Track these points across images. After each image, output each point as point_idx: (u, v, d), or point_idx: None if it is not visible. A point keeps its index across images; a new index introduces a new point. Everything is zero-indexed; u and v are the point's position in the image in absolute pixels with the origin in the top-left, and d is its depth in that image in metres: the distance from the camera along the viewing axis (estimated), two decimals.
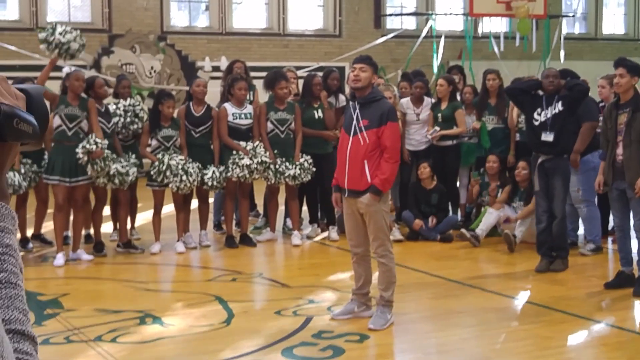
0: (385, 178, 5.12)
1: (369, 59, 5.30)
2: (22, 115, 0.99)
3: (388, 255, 5.24)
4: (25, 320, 0.97)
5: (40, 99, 1.07)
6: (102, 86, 7.46)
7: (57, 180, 6.95)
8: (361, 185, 5.16)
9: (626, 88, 6.02)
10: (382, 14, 15.55)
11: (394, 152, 5.19)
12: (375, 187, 5.11)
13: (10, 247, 0.98)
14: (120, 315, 5.48)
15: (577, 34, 17.89)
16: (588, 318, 5.50)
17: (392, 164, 5.16)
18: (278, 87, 7.84)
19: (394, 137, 5.19)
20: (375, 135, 5.12)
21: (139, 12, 13.54)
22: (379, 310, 5.23)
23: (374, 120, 5.12)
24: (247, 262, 7.44)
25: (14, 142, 1.00)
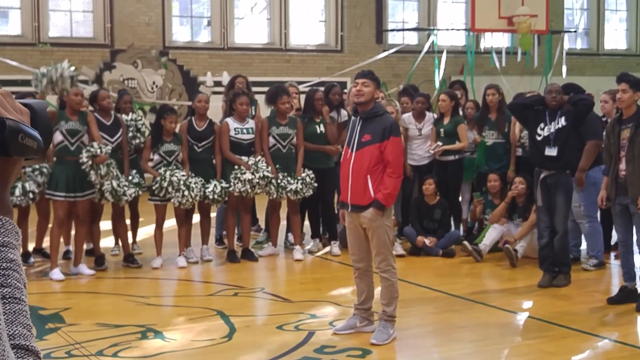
0: (388, 193, 5.12)
1: (372, 74, 5.32)
2: (27, 130, 0.99)
3: (391, 270, 5.23)
4: (29, 336, 0.97)
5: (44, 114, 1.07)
6: (106, 98, 7.48)
7: (63, 197, 6.96)
8: (364, 200, 5.15)
9: (629, 103, 6.02)
10: (384, 29, 15.61)
11: (397, 167, 5.19)
12: (379, 201, 5.11)
13: (14, 262, 0.98)
14: (122, 329, 5.46)
15: (579, 49, 17.94)
16: (591, 333, 5.48)
17: (395, 179, 5.16)
18: (280, 102, 7.86)
19: (397, 152, 5.19)
20: (378, 150, 5.12)
21: (140, 27, 13.59)
22: (381, 325, 5.22)
23: (377, 135, 5.13)
24: (249, 276, 7.43)
25: (19, 157, 1.01)
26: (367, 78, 5.21)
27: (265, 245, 8.34)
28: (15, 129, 0.98)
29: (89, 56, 13.32)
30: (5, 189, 1.01)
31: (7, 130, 0.97)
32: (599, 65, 17.01)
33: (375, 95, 5.28)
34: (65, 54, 13.13)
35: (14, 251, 0.99)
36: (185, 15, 14.58)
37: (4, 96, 1.00)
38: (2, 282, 0.96)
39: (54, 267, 7.05)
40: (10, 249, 0.98)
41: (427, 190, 8.32)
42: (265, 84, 12.35)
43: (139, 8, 13.54)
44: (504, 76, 13.78)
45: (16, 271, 0.98)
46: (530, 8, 13.50)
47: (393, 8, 16.09)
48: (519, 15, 13.45)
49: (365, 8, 15.31)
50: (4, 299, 0.95)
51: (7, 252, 0.98)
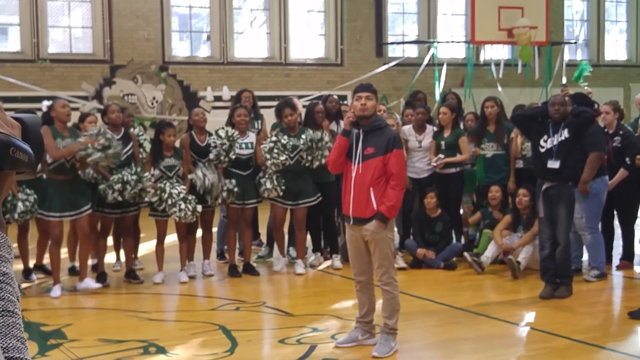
0: (391, 205, 5.11)
1: (372, 86, 5.35)
2: (18, 144, 0.99)
3: (392, 283, 5.22)
4: (23, 349, 0.96)
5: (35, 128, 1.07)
6: (115, 112, 7.50)
7: (58, 217, 6.90)
8: (367, 213, 5.14)
9: None
10: (384, 42, 15.66)
11: (400, 179, 5.19)
12: (382, 214, 5.10)
13: (7, 275, 0.98)
14: (124, 345, 5.45)
15: (580, 60, 17.95)
16: (593, 344, 5.46)
17: (399, 191, 5.16)
18: (284, 114, 7.89)
19: (400, 165, 5.20)
20: (382, 162, 5.12)
21: (140, 42, 13.64)
22: (382, 338, 5.22)
23: (380, 148, 5.13)
24: (251, 291, 7.41)
25: (10, 171, 1.00)
26: (370, 91, 5.23)
27: (274, 260, 8.18)
28: (6, 143, 0.98)
29: (88, 72, 13.36)
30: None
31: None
32: (599, 77, 17.02)
33: (378, 109, 5.29)
34: (65, 70, 13.19)
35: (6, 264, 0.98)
36: (184, 30, 14.64)
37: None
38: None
39: (55, 284, 7.01)
40: (3, 262, 0.98)
41: (428, 203, 8.31)
42: (266, 98, 12.41)
43: (138, 23, 13.60)
44: (505, 88, 13.80)
45: (9, 284, 0.97)
46: (530, 20, 13.52)
47: (393, 21, 16.15)
48: (518, 27, 13.47)
49: (365, 21, 15.36)
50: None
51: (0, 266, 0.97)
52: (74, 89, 13.03)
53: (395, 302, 5.24)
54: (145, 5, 13.58)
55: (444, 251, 8.14)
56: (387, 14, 15.79)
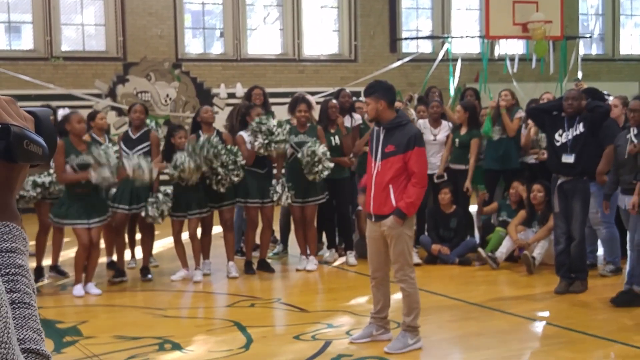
0: (410, 202, 5.06)
1: (371, 88, 5.22)
2: (32, 136, 1.00)
3: (408, 280, 5.17)
4: (40, 340, 0.96)
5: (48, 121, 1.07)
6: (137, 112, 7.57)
7: (72, 224, 6.89)
8: (386, 210, 5.12)
9: None
10: (398, 37, 15.61)
11: (422, 177, 5.12)
12: (400, 210, 5.06)
13: (23, 267, 0.98)
14: (140, 341, 5.47)
15: (595, 55, 17.85)
16: (608, 339, 5.43)
17: (419, 189, 5.10)
18: (297, 110, 7.87)
19: (421, 162, 5.12)
20: (402, 160, 5.06)
21: (153, 39, 13.67)
22: (400, 334, 5.21)
23: (401, 146, 5.07)
24: (266, 287, 7.41)
25: (24, 164, 1.00)
26: (367, 96, 5.21)
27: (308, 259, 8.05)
28: (20, 135, 0.98)
29: (101, 70, 13.41)
30: (11, 196, 1.01)
31: (12, 136, 0.97)
32: (614, 71, 16.91)
33: (380, 107, 5.13)
34: (78, 67, 13.24)
35: (22, 257, 0.98)
36: (197, 27, 14.66)
37: (8, 103, 1.01)
38: (11, 287, 0.96)
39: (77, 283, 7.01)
40: (18, 254, 0.98)
41: (442, 199, 8.29)
42: (279, 95, 12.41)
43: (151, 21, 13.63)
44: (519, 83, 13.72)
45: (25, 277, 0.98)
46: (544, 14, 13.43)
47: (407, 16, 16.10)
48: (533, 21, 13.39)
49: (378, 17, 15.32)
50: (14, 304, 0.95)
51: (15, 258, 0.97)
52: (87, 86, 13.08)
53: (412, 300, 5.19)
54: (158, 2, 13.61)
55: (458, 247, 8.12)
56: (401, 9, 15.74)
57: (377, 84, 5.27)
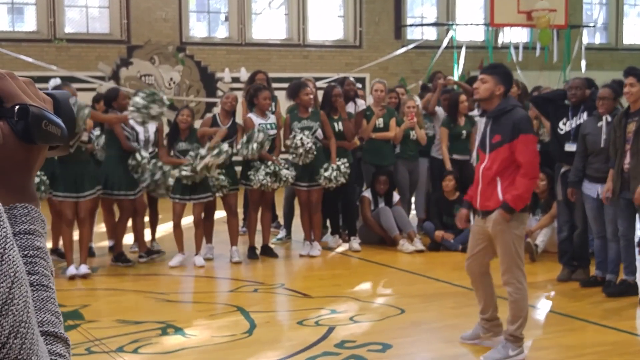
0: (518, 194, 4.59)
1: (493, 67, 4.81)
2: (51, 117, 0.99)
3: (515, 284, 4.71)
4: (58, 323, 0.96)
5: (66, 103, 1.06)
6: (125, 98, 7.51)
7: (63, 197, 6.91)
8: (491, 205, 4.69)
9: (637, 97, 5.99)
10: (403, 24, 15.55)
11: (530, 167, 4.64)
12: (507, 203, 4.59)
13: (41, 249, 0.97)
14: (142, 326, 5.47)
15: (598, 44, 17.79)
16: (610, 327, 5.44)
17: (528, 181, 4.64)
18: (303, 93, 7.83)
19: (528, 151, 4.64)
20: (509, 150, 4.62)
21: (157, 23, 13.62)
22: (501, 344, 4.76)
23: (506, 135, 4.63)
24: (269, 273, 7.42)
25: (43, 145, 0.99)
26: (486, 73, 4.71)
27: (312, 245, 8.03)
28: (39, 116, 0.97)
29: (105, 52, 13.37)
30: (30, 177, 1.00)
31: (30, 116, 0.96)
32: (617, 60, 16.84)
33: (497, 91, 4.69)
34: (82, 50, 13.20)
35: (40, 239, 0.97)
36: (202, 11, 14.60)
37: (27, 84, 0.99)
38: (29, 269, 0.95)
39: (70, 264, 7.01)
40: (37, 236, 0.97)
41: (447, 186, 8.29)
42: (284, 80, 12.36)
43: (155, 4, 13.57)
44: (524, 71, 13.67)
45: (43, 259, 0.97)
46: (549, 2, 13.39)
47: (411, 3, 16.03)
48: (538, 9, 13.35)
49: (383, 3, 15.25)
50: (32, 286, 0.94)
51: (34, 240, 0.96)
52: (90, 69, 13.05)
53: (518, 307, 4.72)
54: None
55: (461, 234, 8.11)
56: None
57: (502, 67, 4.85)
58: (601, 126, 6.31)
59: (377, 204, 8.39)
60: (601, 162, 6.24)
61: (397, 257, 7.90)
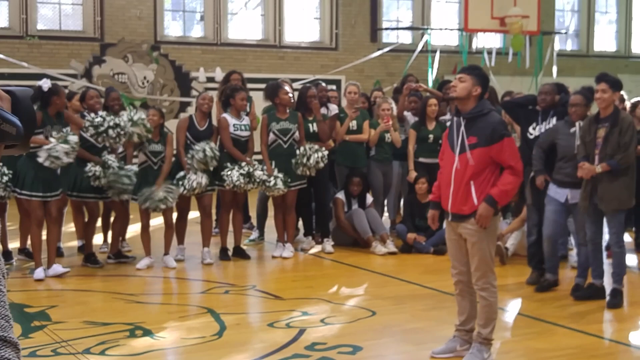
0: (505, 190, 4.55)
1: (472, 68, 4.77)
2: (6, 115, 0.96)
3: (490, 288, 4.68)
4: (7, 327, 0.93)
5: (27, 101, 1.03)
6: (93, 98, 7.42)
7: (28, 196, 6.78)
8: (466, 209, 4.62)
9: (608, 103, 6.06)
10: (379, 27, 15.60)
11: (519, 168, 4.63)
12: (492, 197, 4.53)
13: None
14: (110, 327, 5.40)
15: (569, 50, 18.00)
16: (578, 330, 5.49)
17: (518, 179, 4.61)
18: (282, 92, 7.79)
19: (515, 153, 4.61)
20: (485, 154, 4.57)
21: (131, 20, 13.51)
22: (475, 348, 4.73)
23: (484, 138, 4.56)
24: (240, 274, 7.39)
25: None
26: (465, 73, 4.68)
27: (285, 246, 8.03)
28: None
29: (78, 50, 13.23)
30: None
31: None
32: (588, 67, 17.05)
33: (474, 92, 4.66)
34: (54, 47, 13.05)
35: None
36: (177, 10, 14.51)
37: None
38: None
39: (37, 266, 6.91)
40: None
41: (419, 189, 8.32)
42: (259, 80, 12.34)
43: (129, 1, 13.47)
44: (496, 76, 13.78)
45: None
46: (522, 9, 13.51)
47: (387, 7, 16.08)
48: (511, 16, 13.46)
49: (359, 6, 15.28)
50: None
51: None
52: (62, 66, 12.91)
53: (492, 310, 4.70)
54: None
55: (433, 236, 8.14)
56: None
57: (480, 69, 4.81)
58: (574, 132, 6.37)
59: (351, 206, 8.39)
60: (573, 168, 6.30)
61: (369, 259, 7.91)
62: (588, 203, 6.14)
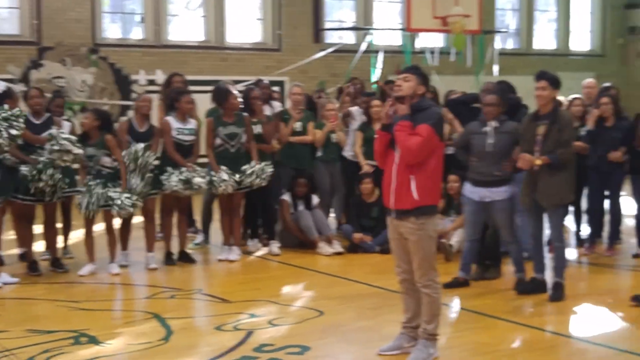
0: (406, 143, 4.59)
1: (416, 68, 4.83)
2: None
3: (432, 285, 4.75)
4: None
5: None
6: (33, 97, 7.26)
7: None
8: (407, 204, 4.67)
9: (547, 100, 6.18)
10: (321, 28, 15.63)
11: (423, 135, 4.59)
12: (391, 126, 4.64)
13: None
14: (54, 335, 5.31)
15: (510, 49, 18.33)
16: (521, 324, 5.61)
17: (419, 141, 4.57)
18: (232, 97, 7.73)
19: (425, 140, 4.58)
20: None
21: (69, 23, 13.27)
22: (420, 344, 4.80)
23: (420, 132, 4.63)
24: (186, 278, 7.32)
25: None
26: (409, 72, 4.76)
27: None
28: None
29: (15, 54, 12.94)
30: None
31: None
32: (529, 65, 17.36)
33: (419, 91, 4.71)
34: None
35: None
36: (116, 12, 14.30)
37: None
38: None
39: None
40: None
41: (365, 189, 8.37)
42: (202, 82, 12.23)
43: (67, 4, 13.22)
44: (440, 76, 13.95)
45: None
46: (463, 8, 13.70)
47: (330, 7, 16.14)
48: (452, 15, 13.64)
49: (302, 6, 15.30)
50: None
51: None
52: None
53: (435, 306, 4.78)
54: None
55: (379, 236, 8.20)
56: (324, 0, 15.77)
57: (422, 69, 4.85)
58: (486, 131, 6.45)
59: (296, 207, 8.40)
60: (486, 167, 6.39)
61: (316, 259, 7.93)
62: (529, 199, 6.27)
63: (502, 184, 6.40)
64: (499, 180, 6.39)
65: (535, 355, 4.99)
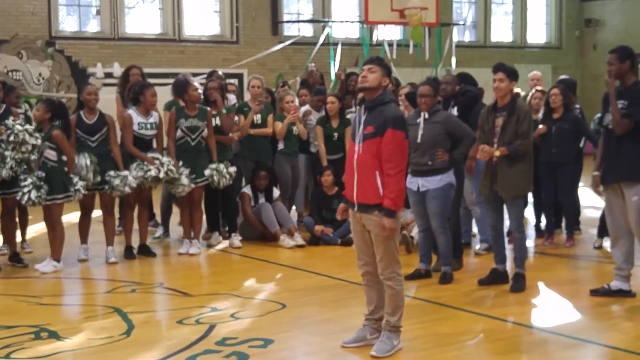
0: (395, 195, 4.60)
1: (380, 60, 4.80)
2: None
3: (395, 277, 4.76)
4: None
5: None
6: None
7: None
8: (370, 199, 4.67)
9: (505, 92, 6.28)
10: (279, 20, 15.60)
11: (395, 162, 4.61)
12: (389, 209, 4.60)
13: None
14: (14, 330, 5.24)
15: (467, 41, 18.53)
16: (483, 314, 5.70)
17: (395, 175, 4.60)
18: (192, 89, 7.68)
19: (397, 149, 4.62)
20: (381, 143, 4.63)
21: (25, 16, 13.04)
22: (384, 335, 4.82)
23: (380, 127, 4.62)
24: (147, 272, 7.28)
25: None
26: (374, 64, 4.74)
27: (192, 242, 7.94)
28: None
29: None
30: None
31: None
32: (486, 57, 17.61)
33: (384, 83, 4.72)
34: None
35: None
36: (72, 4, 14.08)
37: None
38: None
39: None
40: None
41: (325, 181, 8.41)
42: (159, 75, 12.14)
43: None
44: (397, 68, 14.04)
45: None
46: (421, 1, 13.80)
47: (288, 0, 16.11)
48: (410, 8, 13.73)
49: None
50: None
51: None
52: None
53: (398, 298, 4.80)
54: None
55: (340, 228, 8.25)
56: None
57: (383, 60, 4.83)
58: (419, 122, 6.52)
59: (257, 200, 8.40)
60: (419, 157, 6.46)
61: (277, 252, 7.95)
62: (488, 190, 6.36)
63: (436, 173, 6.44)
64: (433, 170, 6.44)
65: (497, 345, 5.07)
